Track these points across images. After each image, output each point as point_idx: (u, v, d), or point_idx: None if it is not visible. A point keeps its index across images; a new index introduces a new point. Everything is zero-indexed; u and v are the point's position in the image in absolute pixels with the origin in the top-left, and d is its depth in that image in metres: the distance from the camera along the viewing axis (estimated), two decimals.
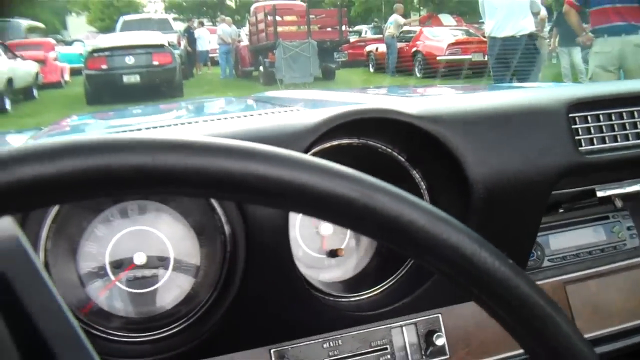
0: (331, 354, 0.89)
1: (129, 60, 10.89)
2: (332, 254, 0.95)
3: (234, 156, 0.32)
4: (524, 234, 0.96)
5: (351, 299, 0.92)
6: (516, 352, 0.97)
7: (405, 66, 12.20)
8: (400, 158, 0.94)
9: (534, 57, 5.84)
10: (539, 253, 1.08)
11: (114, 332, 0.80)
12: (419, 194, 0.93)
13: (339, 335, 0.90)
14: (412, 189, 0.94)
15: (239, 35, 16.09)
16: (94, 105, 10.01)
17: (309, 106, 1.21)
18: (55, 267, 0.79)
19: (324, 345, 0.89)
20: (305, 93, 1.98)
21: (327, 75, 12.81)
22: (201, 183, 0.32)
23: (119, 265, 0.86)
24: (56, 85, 13.62)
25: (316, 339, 0.89)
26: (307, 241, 0.95)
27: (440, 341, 0.93)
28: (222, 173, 0.31)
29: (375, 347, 0.91)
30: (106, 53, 11.02)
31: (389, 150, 0.94)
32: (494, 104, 0.97)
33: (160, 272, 0.87)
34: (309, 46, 11.98)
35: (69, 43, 22.63)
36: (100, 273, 0.85)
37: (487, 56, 6.33)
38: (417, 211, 0.35)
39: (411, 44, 12.69)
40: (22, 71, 11.45)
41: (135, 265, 0.85)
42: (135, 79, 10.63)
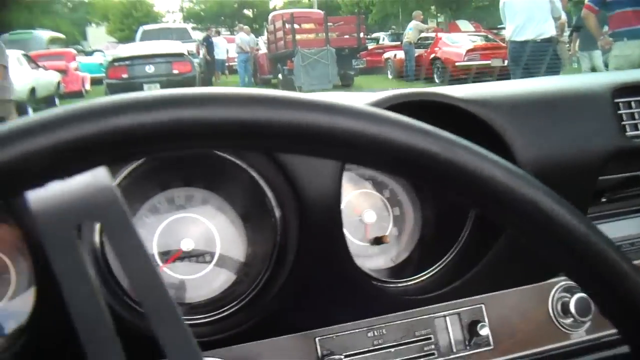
0: (375, 342, 0.88)
1: (149, 69, 11.02)
2: (377, 241, 0.95)
3: (327, 112, 0.33)
4: None
5: (398, 285, 0.92)
6: (562, 343, 0.96)
7: (424, 73, 12.18)
8: None
9: (554, 61, 5.81)
10: None
11: None
12: None
13: (383, 325, 0.89)
14: None
15: (257, 44, 16.19)
16: None
17: None
18: (109, 252, 0.80)
19: (368, 334, 0.88)
20: (328, 95, 1.98)
21: (345, 82, 12.83)
22: (305, 139, 0.32)
23: (167, 252, 0.86)
24: (77, 95, 13.80)
25: (360, 327, 0.88)
26: (351, 229, 0.95)
27: (484, 331, 0.91)
28: (328, 129, 0.32)
29: (419, 336, 0.90)
30: (127, 62, 11.17)
31: None
32: (540, 89, 0.96)
33: (208, 258, 0.88)
34: (327, 53, 12.02)
35: (89, 53, 22.92)
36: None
37: (507, 61, 6.29)
38: (499, 168, 0.36)
39: (430, 50, 12.66)
40: (45, 81, 11.64)
41: (182, 251, 0.86)
42: (155, 87, 10.72)
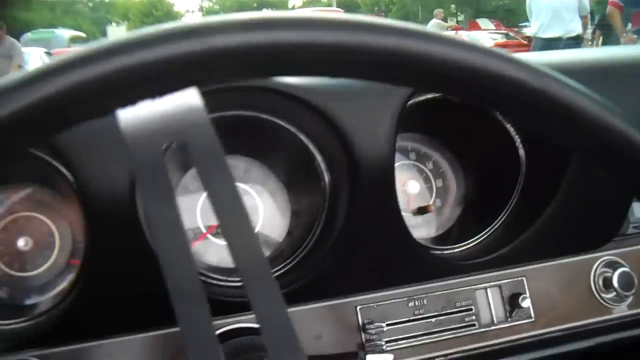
0: (416, 312, 0.88)
1: None
2: (420, 211, 0.95)
3: (425, 40, 0.32)
4: (621, 193, 0.94)
5: (444, 252, 0.92)
6: (603, 317, 0.95)
7: None
8: (495, 111, 0.93)
9: None
10: None
11: (209, 274, 0.81)
12: (513, 147, 0.92)
13: (423, 295, 0.89)
14: (508, 141, 0.93)
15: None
16: None
17: None
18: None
19: (409, 304, 0.88)
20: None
21: None
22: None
23: (210, 219, 0.87)
24: None
25: (401, 297, 0.88)
26: None
27: (526, 303, 0.91)
28: (424, 56, 0.32)
29: (459, 307, 0.90)
30: None
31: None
32: (596, 57, 0.95)
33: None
34: None
35: None
36: (192, 226, 0.86)
37: None
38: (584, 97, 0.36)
39: None
40: None
41: None
42: None
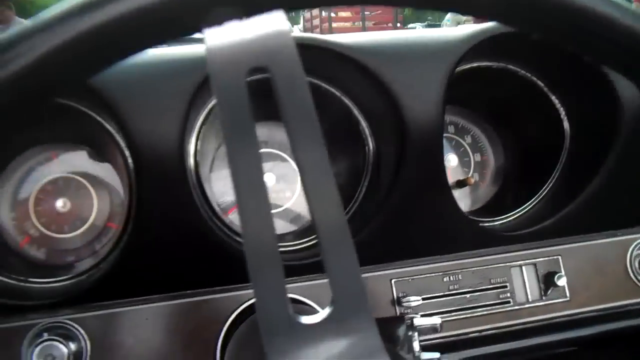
0: (451, 287, 0.88)
1: None
2: (460, 184, 0.95)
3: None
4: None
5: (485, 224, 0.91)
6: (638, 299, 0.94)
7: None
8: (540, 83, 0.93)
9: None
10: None
11: None
12: (558, 120, 0.92)
13: (459, 271, 0.89)
14: (553, 113, 0.92)
15: (292, 32, 16.20)
16: None
17: None
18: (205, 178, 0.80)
19: (444, 279, 0.88)
20: None
21: None
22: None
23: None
24: None
25: (436, 272, 0.88)
26: None
27: (562, 282, 0.90)
28: None
29: (495, 284, 0.89)
30: None
31: (529, 75, 0.93)
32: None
33: (288, 194, 0.88)
34: None
35: None
36: (230, 193, 0.86)
37: None
38: None
39: None
40: None
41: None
42: None
